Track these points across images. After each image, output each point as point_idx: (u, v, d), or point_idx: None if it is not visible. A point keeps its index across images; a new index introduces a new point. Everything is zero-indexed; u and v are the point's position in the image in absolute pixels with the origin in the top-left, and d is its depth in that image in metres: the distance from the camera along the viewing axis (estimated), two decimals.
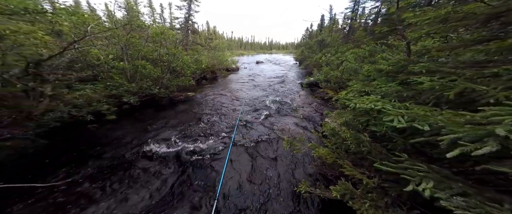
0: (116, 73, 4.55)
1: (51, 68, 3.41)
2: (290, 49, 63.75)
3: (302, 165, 2.61)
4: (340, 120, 2.43)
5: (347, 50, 9.21)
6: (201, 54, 9.96)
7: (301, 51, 19.98)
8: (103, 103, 3.62)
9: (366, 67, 3.06)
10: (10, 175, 2.21)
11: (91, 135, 3.39)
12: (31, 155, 2.59)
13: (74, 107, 3.20)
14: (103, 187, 2.13)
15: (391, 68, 2.18)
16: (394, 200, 1.22)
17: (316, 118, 4.54)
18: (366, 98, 1.34)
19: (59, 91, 3.20)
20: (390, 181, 1.28)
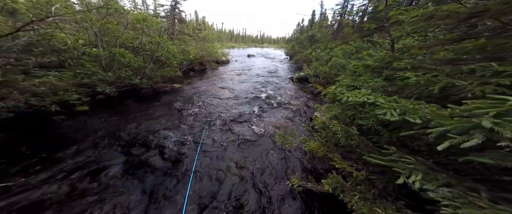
0: (88, 60, 4.01)
1: (0, 51, 2.85)
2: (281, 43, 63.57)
3: (292, 158, 2.65)
4: (329, 114, 2.47)
5: (336, 46, 9.46)
6: (188, 45, 9.35)
7: (292, 46, 20.01)
8: (72, 93, 3.18)
9: (353, 63, 3.15)
10: None
11: (57, 128, 2.99)
12: None
13: (33, 96, 2.74)
14: (62, 187, 1.88)
15: (377, 64, 2.25)
16: (380, 191, 1.28)
17: (306, 111, 4.63)
18: (359, 92, 1.35)
19: (11, 77, 2.70)
20: (377, 173, 1.34)
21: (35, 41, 3.39)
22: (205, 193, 1.96)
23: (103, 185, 1.96)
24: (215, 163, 2.45)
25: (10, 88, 2.60)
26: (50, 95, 2.91)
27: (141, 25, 5.25)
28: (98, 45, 4.54)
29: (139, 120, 3.55)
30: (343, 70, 5.42)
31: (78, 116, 3.34)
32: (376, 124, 1.50)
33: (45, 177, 1.98)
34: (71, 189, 1.87)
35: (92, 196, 1.81)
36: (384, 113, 0.92)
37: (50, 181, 1.94)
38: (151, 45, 5.52)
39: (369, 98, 1.14)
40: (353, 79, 2.44)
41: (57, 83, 3.01)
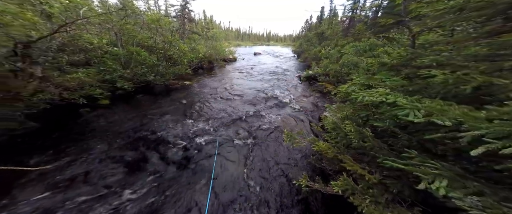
0: (110, 58, 4.33)
1: (41, 51, 3.20)
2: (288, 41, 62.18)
3: (299, 158, 2.61)
4: (340, 114, 2.38)
5: (347, 43, 9.02)
6: (198, 43, 9.58)
7: (299, 43, 19.51)
8: (96, 88, 3.48)
9: (369, 61, 2.97)
10: (2, 156, 2.13)
11: (83, 119, 3.28)
12: (22, 137, 2.50)
13: (65, 90, 3.06)
14: (89, 172, 2.08)
15: (395, 62, 2.10)
16: (394, 196, 1.21)
17: (315, 111, 4.51)
18: (375, 91, 1.27)
19: (49, 74, 3.04)
20: (392, 177, 1.26)
21: (67, 41, 3.74)
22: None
23: (120, 167, 2.17)
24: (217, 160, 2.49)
25: (48, 83, 2.92)
26: (79, 90, 3.22)
27: (155, 25, 5.50)
28: (118, 45, 4.86)
29: (153, 114, 3.75)
30: (355, 68, 5.15)
31: (100, 109, 3.63)
32: (393, 125, 1.41)
33: (74, 159, 2.24)
34: (93, 170, 2.09)
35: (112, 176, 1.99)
36: (406, 113, 0.86)
37: (77, 163, 2.19)
38: (164, 44, 5.76)
39: (388, 98, 1.07)
40: (368, 78, 2.31)
41: (85, 79, 3.31)
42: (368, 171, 1.46)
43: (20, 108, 2.62)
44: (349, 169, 1.49)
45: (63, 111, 3.17)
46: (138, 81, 4.70)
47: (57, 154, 2.31)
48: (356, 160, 1.65)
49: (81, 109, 3.37)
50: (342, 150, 1.87)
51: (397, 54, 2.03)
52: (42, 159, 2.17)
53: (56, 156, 2.26)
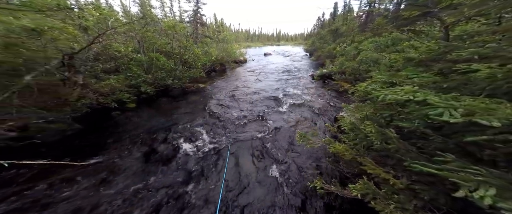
0: (135, 65, 4.79)
1: (81, 61, 3.74)
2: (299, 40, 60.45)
3: (314, 160, 2.54)
4: (359, 114, 2.24)
5: (365, 39, 8.42)
6: (210, 47, 9.96)
7: (312, 41, 18.87)
8: (124, 93, 3.89)
9: (392, 57, 2.73)
10: (54, 153, 2.55)
11: (115, 121, 3.69)
12: (69, 137, 2.94)
13: (101, 95, 3.50)
14: (124, 167, 2.35)
15: (424, 57, 1.90)
16: (425, 204, 1.10)
17: (330, 111, 4.32)
18: (400, 89, 1.17)
19: (88, 81, 3.52)
20: (422, 183, 1.15)
21: (100, 51, 4.27)
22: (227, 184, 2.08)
23: (146, 162, 2.41)
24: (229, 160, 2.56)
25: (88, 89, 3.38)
26: (111, 95, 3.65)
27: (171, 31, 5.91)
28: (140, 52, 5.35)
29: (173, 116, 4.04)
30: (375, 65, 4.79)
31: (128, 111, 4.05)
32: (423, 126, 1.28)
33: (110, 156, 2.57)
34: (125, 165, 2.36)
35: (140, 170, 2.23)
36: (439, 113, 0.78)
37: (112, 159, 2.50)
38: (180, 49, 6.14)
39: (416, 96, 0.98)
40: (391, 74, 2.14)
41: (115, 85, 3.74)
42: (393, 175, 1.35)
43: (68, 112, 3.08)
44: (370, 172, 1.40)
45: (99, 114, 3.63)
46: (158, 85, 5.10)
47: (96, 151, 2.66)
48: (378, 163, 1.54)
49: (113, 112, 3.81)
50: (361, 152, 1.77)
51: (427, 48, 1.83)
52: (85, 156, 2.53)
53: (96, 153, 2.61)
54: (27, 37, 2.62)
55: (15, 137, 2.42)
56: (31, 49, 2.77)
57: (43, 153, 2.51)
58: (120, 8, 7.70)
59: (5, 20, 2.28)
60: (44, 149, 2.56)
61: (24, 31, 2.52)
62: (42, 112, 2.78)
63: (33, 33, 2.60)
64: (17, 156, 1.81)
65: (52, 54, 3.11)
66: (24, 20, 2.45)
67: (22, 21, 2.42)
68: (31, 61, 2.82)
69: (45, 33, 2.70)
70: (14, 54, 2.58)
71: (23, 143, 2.42)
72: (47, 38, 2.84)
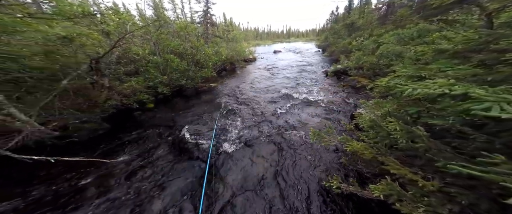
0: (152, 67, 5.09)
1: (106, 64, 4.09)
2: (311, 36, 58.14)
3: (329, 159, 2.45)
4: (380, 111, 2.10)
5: (385, 32, 7.79)
6: (220, 46, 10.11)
7: (325, 37, 18.08)
8: (144, 94, 4.17)
9: (418, 49, 2.48)
10: (87, 150, 2.85)
11: (137, 120, 3.99)
12: (99, 136, 3.26)
13: (124, 96, 3.81)
14: (147, 164, 2.54)
15: (461, 47, 1.69)
16: (463, 208, 0.99)
17: (345, 108, 4.12)
18: (432, 82, 1.06)
19: (113, 84, 3.85)
20: (459, 186, 1.04)
21: (121, 54, 4.62)
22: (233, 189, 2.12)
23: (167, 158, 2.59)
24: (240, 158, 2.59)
25: (113, 91, 3.70)
26: (132, 96, 3.95)
27: (183, 32, 6.12)
28: (157, 54, 5.66)
29: (188, 114, 4.23)
30: (398, 59, 4.42)
31: (148, 111, 4.34)
32: (460, 123, 1.14)
33: (136, 152, 2.80)
34: (149, 161, 2.56)
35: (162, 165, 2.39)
36: (487, 107, 0.69)
37: (139, 155, 2.71)
38: (192, 49, 6.35)
39: (453, 89, 0.87)
40: (418, 68, 1.95)
41: (136, 86, 4.02)
42: (422, 176, 1.25)
43: (98, 113, 3.41)
44: (394, 172, 1.31)
45: (123, 114, 3.94)
46: (173, 86, 5.37)
47: (124, 148, 2.92)
48: (403, 163, 1.43)
49: (135, 112, 4.12)
50: (383, 151, 1.66)
51: (464, 38, 1.62)
52: (114, 153, 2.79)
53: (124, 150, 2.87)
54: (61, 45, 2.92)
55: (58, 136, 2.75)
56: (64, 56, 3.07)
57: (79, 150, 2.81)
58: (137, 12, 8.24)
59: (42, 29, 2.52)
60: (79, 147, 2.87)
61: (58, 39, 2.80)
62: (78, 113, 3.13)
63: (64, 41, 2.88)
64: (59, 154, 2.09)
65: (82, 59, 3.42)
66: (57, 29, 2.70)
67: (55, 29, 2.67)
68: (65, 67, 3.16)
69: (75, 40, 2.96)
70: (52, 60, 2.90)
71: (65, 141, 2.75)
72: (76, 45, 3.12)
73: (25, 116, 2.35)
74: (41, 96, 2.74)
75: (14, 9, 2.43)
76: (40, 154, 2.03)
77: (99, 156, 2.53)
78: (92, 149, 2.88)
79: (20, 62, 2.60)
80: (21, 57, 2.61)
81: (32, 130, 2.40)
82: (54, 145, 2.68)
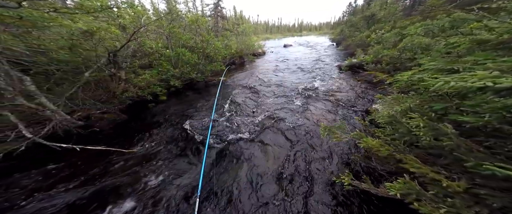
0: (165, 60, 5.24)
1: (122, 58, 4.30)
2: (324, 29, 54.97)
3: (341, 156, 2.38)
4: (400, 106, 1.95)
5: (411, 24, 7.08)
6: (230, 40, 10.03)
7: (340, 30, 17.05)
8: (157, 86, 4.35)
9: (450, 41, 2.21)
10: (107, 140, 3.03)
11: (151, 112, 4.19)
12: (117, 126, 3.48)
13: (139, 89, 4.01)
14: (163, 153, 2.68)
15: (507, 37, 1.47)
16: (492, 211, 0.90)
17: (360, 103, 3.92)
18: (470, 74, 0.94)
19: (129, 76, 4.06)
20: (490, 188, 0.94)
21: (137, 48, 4.81)
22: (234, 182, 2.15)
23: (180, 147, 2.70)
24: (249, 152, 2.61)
25: (129, 83, 3.91)
26: (146, 88, 4.14)
27: (194, 25, 6.14)
28: (169, 47, 5.80)
29: (198, 106, 4.35)
30: (425, 51, 4.04)
31: (161, 103, 4.53)
32: (497, 121, 1.01)
33: (151, 142, 2.96)
34: (164, 151, 2.69)
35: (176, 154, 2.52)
36: None
37: (150, 143, 2.88)
38: (202, 43, 6.39)
39: (498, 82, 0.76)
40: (449, 61, 1.74)
41: (150, 79, 4.19)
42: (446, 176, 1.15)
43: (116, 104, 3.63)
44: (414, 171, 1.23)
45: (138, 106, 4.16)
46: (184, 79, 5.51)
47: (140, 138, 3.07)
48: (424, 162, 1.33)
49: (149, 104, 4.31)
50: (401, 148, 1.56)
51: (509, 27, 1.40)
52: (131, 143, 2.94)
53: (140, 140, 3.01)
54: (83, 39, 3.08)
55: (82, 125, 2.98)
56: (86, 49, 3.24)
57: (100, 140, 2.98)
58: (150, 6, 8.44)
59: (66, 24, 2.64)
60: (101, 137, 3.07)
61: (80, 33, 2.95)
62: (99, 104, 3.37)
63: (86, 35, 3.03)
64: (84, 143, 2.26)
65: (101, 53, 3.60)
66: (79, 23, 2.82)
67: (78, 24, 2.80)
68: (87, 60, 3.37)
69: (95, 34, 3.10)
70: (76, 54, 3.09)
71: (88, 130, 2.97)
72: (96, 39, 3.28)
73: (54, 105, 2.59)
74: (66, 88, 3.00)
75: (42, 4, 2.60)
76: (67, 142, 2.23)
77: (117, 146, 2.68)
78: (111, 139, 3.05)
79: (49, 56, 2.84)
80: (50, 50, 2.84)
81: (60, 119, 2.65)
82: (79, 134, 2.89)
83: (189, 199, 1.86)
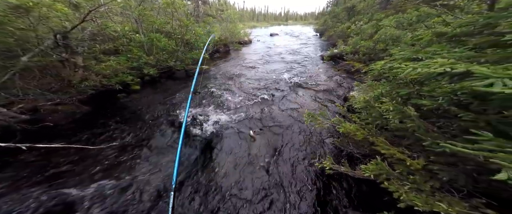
0: (135, 46, 4.59)
1: (77, 41, 3.58)
2: (309, 19, 55.32)
3: (320, 140, 2.52)
4: (374, 92, 2.10)
5: (385, 17, 7.57)
6: (213, 26, 9.31)
7: (324, 20, 17.34)
8: (127, 75, 3.83)
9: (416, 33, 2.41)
10: (65, 136, 2.59)
11: (121, 103, 3.71)
12: (78, 119, 3.00)
13: (104, 77, 3.45)
14: (135, 147, 2.42)
15: (460, 31, 1.64)
16: (442, 184, 1.06)
17: (339, 91, 4.16)
18: (433, 61, 1.01)
19: (89, 63, 3.43)
20: (440, 163, 1.09)
21: (96, 31, 4.05)
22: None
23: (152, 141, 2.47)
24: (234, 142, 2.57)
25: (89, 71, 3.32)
26: (114, 77, 3.59)
27: (170, 9, 5.44)
28: (140, 32, 5.06)
29: (177, 98, 4.02)
30: (396, 43, 4.39)
31: (133, 93, 4.04)
32: (447, 103, 1.15)
33: (123, 138, 2.62)
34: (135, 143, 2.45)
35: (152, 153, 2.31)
36: (489, 84, 0.65)
37: (125, 140, 2.56)
38: (181, 28, 5.75)
39: (454, 67, 0.83)
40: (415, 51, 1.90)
41: (117, 66, 3.64)
42: (408, 155, 1.30)
43: (73, 94, 3.09)
44: (384, 152, 1.35)
45: (105, 96, 3.63)
46: (161, 67, 4.97)
47: (107, 133, 2.70)
48: (392, 143, 1.48)
49: (119, 94, 3.80)
50: (373, 131, 1.70)
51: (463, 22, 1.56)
52: (97, 138, 2.58)
53: (108, 136, 2.65)
54: (14, 16, 2.44)
55: (28, 120, 2.46)
56: (20, 29, 2.61)
57: (56, 136, 2.53)
58: None
59: None
60: (56, 132, 2.61)
61: (8, 8, 2.34)
62: (48, 93, 2.80)
63: (19, 11, 2.42)
64: (33, 140, 1.86)
65: (43, 34, 2.97)
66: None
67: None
68: (24, 41, 2.71)
69: (32, 10, 2.50)
70: (4, 33, 2.45)
71: (37, 126, 2.47)
72: (35, 16, 2.65)
73: None
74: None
75: None
76: (7, 141, 1.80)
77: (81, 142, 2.32)
78: (71, 135, 2.62)
79: None
80: None
81: None
82: (25, 131, 2.39)
83: (163, 194, 1.76)
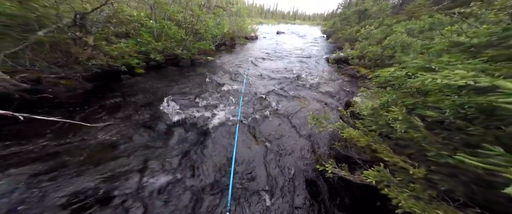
0: (145, 31, 4.58)
1: (92, 22, 3.60)
2: (317, 20, 54.40)
3: (322, 143, 2.54)
4: (380, 100, 2.10)
5: (397, 22, 7.43)
6: (222, 19, 9.19)
7: (332, 22, 17.02)
8: (134, 58, 3.84)
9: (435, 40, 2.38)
10: (64, 110, 2.57)
11: (124, 84, 3.73)
12: (79, 95, 2.96)
13: (111, 58, 3.48)
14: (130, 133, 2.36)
15: (478, 42, 1.62)
16: (439, 193, 1.09)
17: (342, 96, 4.14)
18: (453, 73, 1.01)
19: (99, 43, 3.45)
20: (441, 173, 1.11)
21: (112, 14, 4.05)
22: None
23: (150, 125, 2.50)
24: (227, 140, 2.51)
25: (98, 50, 3.34)
26: (120, 58, 3.61)
27: None
28: (152, 18, 5.02)
29: (180, 85, 4.03)
30: (405, 50, 4.33)
31: (137, 76, 4.06)
32: (453, 116, 1.17)
33: (120, 116, 2.64)
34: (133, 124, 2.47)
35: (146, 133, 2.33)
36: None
37: (120, 119, 2.57)
38: (192, 18, 5.69)
39: (478, 81, 0.83)
40: (428, 60, 1.89)
41: (125, 49, 3.65)
42: (411, 164, 1.32)
43: (78, 70, 3.08)
44: (387, 160, 1.37)
45: (109, 76, 3.63)
46: (167, 54, 4.96)
47: (106, 112, 2.70)
48: (394, 152, 1.50)
49: (122, 75, 3.82)
50: (377, 139, 1.72)
51: (482, 32, 1.53)
52: (96, 116, 2.56)
53: (106, 115, 2.64)
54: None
55: (28, 89, 2.37)
56: (44, 6, 2.69)
57: (55, 109, 2.51)
58: None
59: None
60: (55, 105, 2.59)
61: None
62: (54, 67, 2.80)
63: None
64: (30, 111, 1.76)
65: (64, 13, 3.05)
66: None
67: None
68: (44, 18, 2.73)
69: None
70: (28, 9, 2.51)
71: (36, 96, 2.38)
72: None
73: None
74: (7, 44, 2.38)
75: None
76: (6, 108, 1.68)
77: (79, 118, 2.27)
78: (70, 110, 2.60)
79: None
80: None
81: None
82: (23, 100, 2.30)
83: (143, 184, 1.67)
